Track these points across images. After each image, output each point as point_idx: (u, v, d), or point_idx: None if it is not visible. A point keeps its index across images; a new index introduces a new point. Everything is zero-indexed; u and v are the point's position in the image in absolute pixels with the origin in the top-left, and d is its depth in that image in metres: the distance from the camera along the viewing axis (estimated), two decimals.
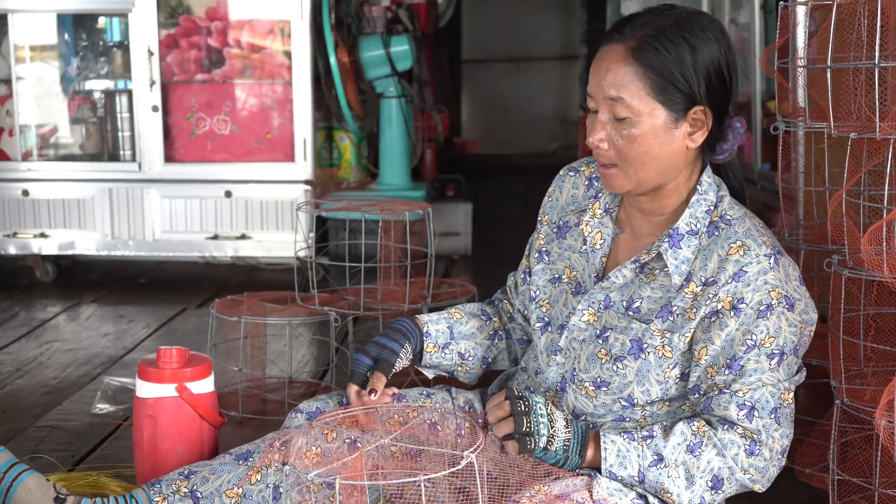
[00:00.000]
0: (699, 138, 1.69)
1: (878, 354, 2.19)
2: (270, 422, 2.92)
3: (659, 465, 1.63)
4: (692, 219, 1.72)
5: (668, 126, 1.66)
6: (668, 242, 1.71)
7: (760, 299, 1.64)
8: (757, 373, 1.65)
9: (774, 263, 1.66)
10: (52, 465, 2.61)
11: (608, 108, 1.67)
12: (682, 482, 1.63)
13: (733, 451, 1.64)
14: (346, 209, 3.27)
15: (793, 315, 1.67)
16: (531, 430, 1.60)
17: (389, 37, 5.00)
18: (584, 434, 1.66)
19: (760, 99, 4.41)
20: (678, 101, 1.65)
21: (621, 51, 1.65)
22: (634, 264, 1.75)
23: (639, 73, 1.64)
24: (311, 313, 3.15)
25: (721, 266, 1.67)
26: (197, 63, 4.76)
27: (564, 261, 1.85)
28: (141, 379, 2.39)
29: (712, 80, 1.66)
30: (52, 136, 4.98)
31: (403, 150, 5.13)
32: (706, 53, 1.65)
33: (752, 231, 1.69)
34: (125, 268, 5.24)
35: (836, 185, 2.51)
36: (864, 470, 2.19)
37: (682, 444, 1.64)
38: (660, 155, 1.67)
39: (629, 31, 1.66)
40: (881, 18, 1.98)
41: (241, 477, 1.86)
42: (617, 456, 1.64)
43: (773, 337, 1.65)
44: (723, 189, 1.77)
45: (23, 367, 3.52)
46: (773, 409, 1.65)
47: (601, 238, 1.81)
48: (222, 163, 4.78)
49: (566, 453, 1.63)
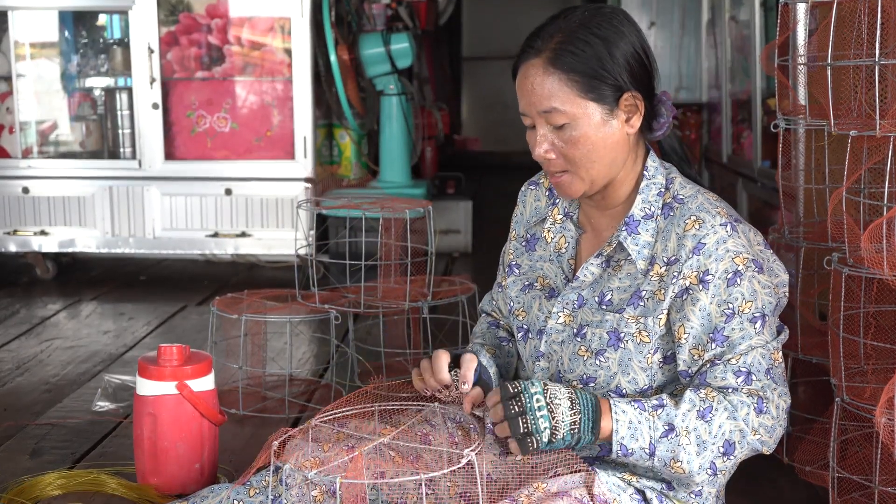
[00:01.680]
0: (636, 122, 1.74)
1: (878, 352, 2.19)
2: (271, 419, 2.92)
3: (670, 434, 1.62)
4: (645, 203, 1.75)
5: (605, 119, 1.70)
6: (626, 230, 1.75)
7: (726, 268, 1.66)
8: (745, 340, 1.66)
9: (732, 230, 1.68)
10: (53, 463, 2.62)
11: (544, 120, 1.71)
12: (692, 448, 1.62)
13: (744, 411, 1.64)
14: (347, 207, 3.27)
15: (764, 277, 1.69)
16: (529, 430, 1.59)
17: (390, 34, 5.00)
18: (595, 408, 1.62)
19: (761, 96, 4.41)
20: (607, 94, 1.69)
21: (540, 64, 1.69)
22: (599, 258, 1.78)
23: (563, 79, 1.68)
24: (311, 311, 3.15)
25: (680, 243, 1.69)
26: (197, 60, 4.76)
27: (536, 271, 1.88)
28: (141, 376, 2.39)
29: (632, 66, 1.71)
30: (52, 133, 4.98)
31: (404, 147, 5.13)
32: (619, 43, 1.70)
33: (706, 204, 1.71)
34: (125, 265, 5.25)
35: (837, 182, 2.51)
36: (864, 467, 2.20)
37: (692, 410, 1.63)
38: (605, 149, 1.72)
39: (541, 44, 1.70)
40: (881, 16, 1.97)
41: (239, 492, 1.86)
42: (629, 427, 1.62)
43: (749, 301, 1.67)
44: (672, 171, 1.81)
45: (23, 365, 3.52)
46: (767, 369, 1.67)
47: (565, 241, 1.85)
48: (223, 160, 4.78)
49: (578, 434, 1.60)
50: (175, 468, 2.38)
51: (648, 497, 1.74)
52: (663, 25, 5.80)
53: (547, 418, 1.59)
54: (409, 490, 1.64)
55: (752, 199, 4.49)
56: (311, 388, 3.27)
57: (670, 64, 5.80)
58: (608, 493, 1.69)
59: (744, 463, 1.73)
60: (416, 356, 3.34)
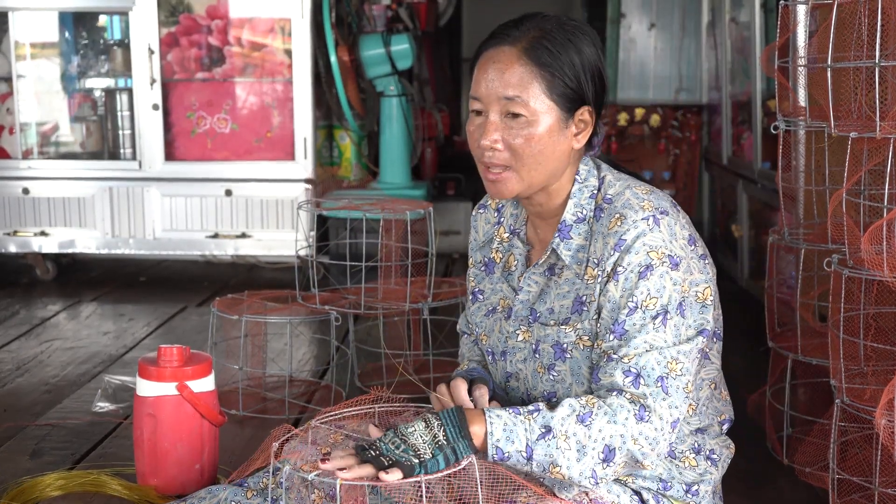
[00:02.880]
0: (583, 139, 1.73)
1: (878, 353, 2.20)
2: (270, 420, 2.92)
3: (547, 436, 1.57)
4: (577, 207, 1.74)
5: (559, 126, 1.69)
6: (559, 236, 1.74)
7: (640, 261, 1.64)
8: (640, 334, 1.62)
9: (654, 224, 1.65)
10: (53, 464, 2.62)
11: (501, 108, 1.68)
12: (572, 454, 1.57)
13: (623, 415, 1.59)
14: (347, 208, 3.27)
15: (677, 273, 1.65)
16: (394, 461, 1.55)
17: (390, 35, 5.00)
18: (458, 415, 1.59)
19: (761, 98, 4.41)
20: (569, 101, 1.68)
21: (514, 52, 1.67)
22: (540, 268, 1.77)
23: (534, 72, 1.66)
24: (311, 312, 3.15)
25: (605, 242, 1.68)
26: (197, 61, 4.76)
27: (497, 294, 1.87)
28: (141, 377, 2.39)
29: (595, 82, 1.71)
30: (52, 134, 4.98)
31: (404, 148, 5.13)
32: (589, 56, 1.69)
33: (632, 200, 1.69)
34: (125, 266, 5.25)
35: (837, 184, 2.51)
36: (864, 469, 2.20)
37: (571, 415, 1.59)
38: (552, 155, 1.70)
39: (517, 34, 1.69)
40: (881, 18, 1.98)
41: (237, 493, 1.86)
42: (504, 430, 1.58)
43: (654, 297, 1.63)
44: (604, 170, 1.78)
45: (23, 366, 3.52)
46: (660, 377, 1.61)
47: (514, 259, 1.84)
48: (223, 161, 4.78)
49: (451, 444, 1.56)
50: (175, 469, 2.38)
51: (645, 498, 1.74)
52: (663, 27, 5.80)
53: (399, 446, 1.56)
54: (407, 492, 1.64)
55: (753, 200, 4.49)
56: (312, 389, 3.27)
57: (670, 65, 5.80)
58: (606, 496, 1.69)
59: (744, 464, 1.73)
60: (416, 357, 3.34)
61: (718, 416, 1.81)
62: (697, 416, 1.76)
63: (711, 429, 1.80)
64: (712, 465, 1.78)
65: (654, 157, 5.69)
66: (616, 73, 5.82)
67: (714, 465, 1.78)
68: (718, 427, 1.81)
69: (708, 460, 1.78)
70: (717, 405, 1.81)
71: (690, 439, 1.77)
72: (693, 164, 5.68)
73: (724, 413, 1.82)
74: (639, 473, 1.74)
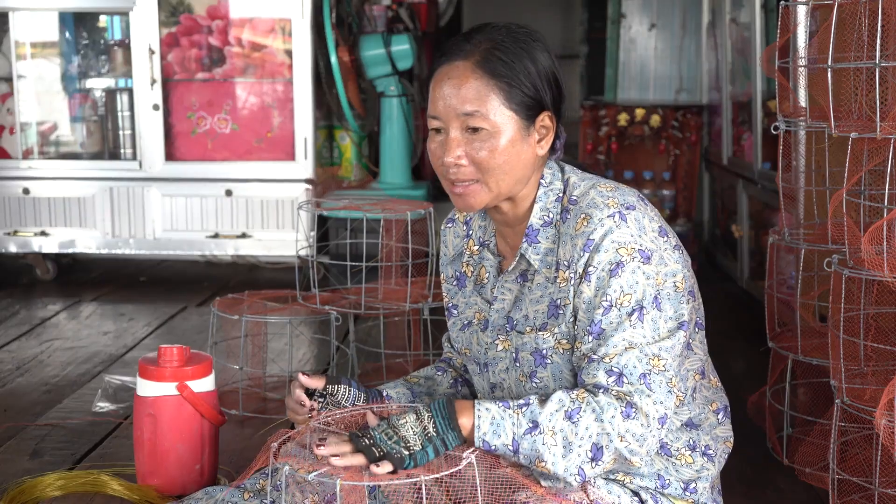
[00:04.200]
0: (546, 145, 1.73)
1: (879, 354, 2.20)
2: (271, 420, 2.92)
3: (534, 431, 1.58)
4: (543, 211, 1.74)
5: (521, 135, 1.69)
6: (527, 241, 1.74)
7: (610, 259, 1.64)
8: (618, 332, 1.62)
9: (620, 220, 1.65)
10: (53, 464, 2.62)
11: (461, 124, 1.67)
12: (558, 450, 1.58)
13: (610, 413, 1.59)
14: (348, 208, 3.27)
15: (649, 267, 1.65)
16: (385, 452, 1.57)
17: (390, 36, 5.00)
18: (447, 406, 1.60)
19: (761, 98, 4.41)
20: (528, 108, 1.68)
21: (468, 66, 1.67)
22: (510, 275, 1.77)
23: (490, 84, 1.66)
24: (311, 312, 3.15)
25: (573, 244, 1.68)
26: (198, 62, 4.76)
27: (472, 307, 1.87)
28: (141, 377, 2.39)
29: (552, 86, 1.71)
30: (52, 134, 4.98)
31: (404, 148, 5.13)
32: (543, 61, 1.69)
33: (596, 199, 1.69)
34: (126, 266, 5.25)
35: (837, 184, 2.51)
36: (864, 469, 2.20)
37: (560, 410, 1.59)
38: (517, 164, 1.69)
39: (469, 48, 1.68)
40: (882, 18, 1.98)
41: (234, 494, 1.86)
42: (491, 424, 1.59)
43: (628, 294, 1.63)
44: (568, 171, 1.78)
45: (23, 366, 3.52)
46: (643, 374, 1.61)
47: (486, 271, 1.84)
48: (223, 161, 4.78)
49: (441, 436, 1.58)
50: (175, 469, 2.38)
51: (644, 498, 1.74)
52: (664, 27, 5.80)
53: (391, 437, 1.58)
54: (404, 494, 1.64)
55: (753, 200, 4.49)
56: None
57: (671, 66, 5.80)
58: (606, 497, 1.69)
59: (744, 465, 1.73)
60: (416, 357, 3.34)
61: (710, 406, 1.80)
62: (686, 407, 1.76)
63: (706, 422, 1.79)
64: (709, 460, 1.78)
65: (654, 158, 5.69)
66: (616, 73, 5.82)
67: (710, 461, 1.78)
68: (714, 417, 1.80)
69: (704, 456, 1.78)
70: (706, 394, 1.80)
71: (685, 436, 1.77)
72: (693, 164, 5.68)
73: (716, 401, 1.81)
74: (636, 473, 1.74)
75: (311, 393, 1.84)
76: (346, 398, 1.84)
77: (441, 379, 1.99)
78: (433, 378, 1.99)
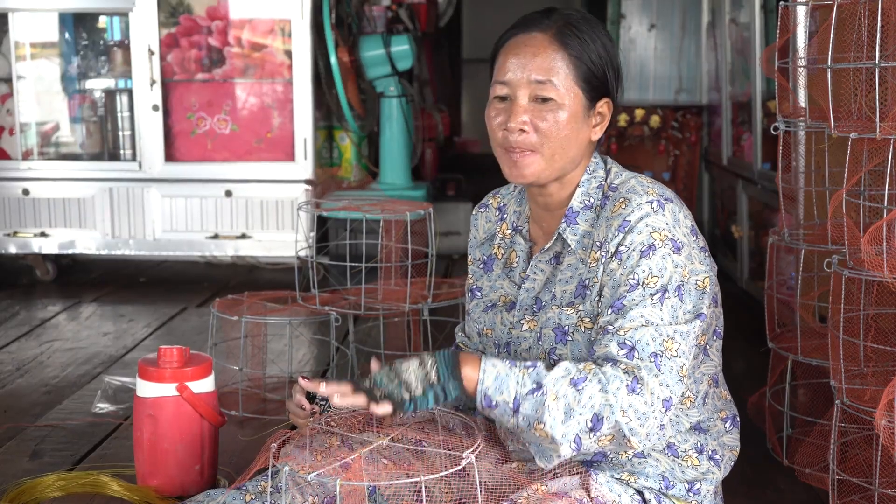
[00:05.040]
0: (599, 131, 1.77)
1: (878, 354, 2.20)
2: (271, 421, 2.92)
3: (537, 392, 1.58)
4: (584, 196, 1.77)
5: (584, 114, 1.73)
6: (566, 222, 1.77)
7: (642, 240, 1.65)
8: (637, 307, 1.63)
9: (658, 207, 1.68)
10: (53, 465, 2.62)
11: (530, 91, 1.71)
12: (559, 415, 1.57)
13: (615, 384, 1.58)
14: (347, 209, 3.27)
15: (679, 257, 1.66)
16: (385, 394, 1.60)
17: (390, 36, 5.00)
18: (452, 357, 1.62)
19: (761, 99, 4.41)
20: (593, 89, 1.73)
21: (545, 38, 1.71)
22: (545, 255, 1.79)
23: (565, 58, 1.70)
24: (311, 313, 3.14)
25: (608, 225, 1.70)
26: (197, 62, 4.76)
27: (497, 291, 1.88)
28: (141, 378, 2.39)
29: (616, 76, 1.76)
30: (52, 134, 4.98)
31: (404, 149, 5.13)
32: (612, 50, 1.75)
33: (636, 187, 1.72)
34: (125, 267, 5.25)
35: (837, 185, 2.51)
36: (864, 470, 2.20)
37: (566, 377, 1.59)
38: (574, 142, 1.73)
39: (547, 23, 1.72)
40: (881, 18, 1.98)
41: (235, 497, 1.86)
42: (495, 379, 1.60)
43: (655, 276, 1.64)
44: (610, 163, 1.82)
45: (23, 367, 3.52)
46: (654, 353, 1.61)
47: (516, 256, 1.86)
48: (223, 162, 4.78)
49: (440, 384, 1.59)
50: (175, 470, 2.38)
51: (647, 498, 1.75)
52: (663, 27, 5.79)
53: (393, 380, 1.60)
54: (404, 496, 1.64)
55: (753, 201, 4.49)
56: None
57: (670, 66, 5.80)
58: (608, 494, 1.69)
59: (744, 465, 1.73)
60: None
61: (719, 413, 1.81)
62: (696, 410, 1.77)
63: (714, 429, 1.80)
64: (714, 465, 1.78)
65: (654, 158, 5.69)
66: None
67: (716, 466, 1.79)
68: (722, 425, 1.81)
69: (710, 460, 1.78)
70: (716, 402, 1.81)
71: (693, 439, 1.77)
72: (693, 164, 5.68)
73: (725, 410, 1.82)
74: (641, 473, 1.74)
75: (313, 396, 1.84)
76: None
77: None
78: None
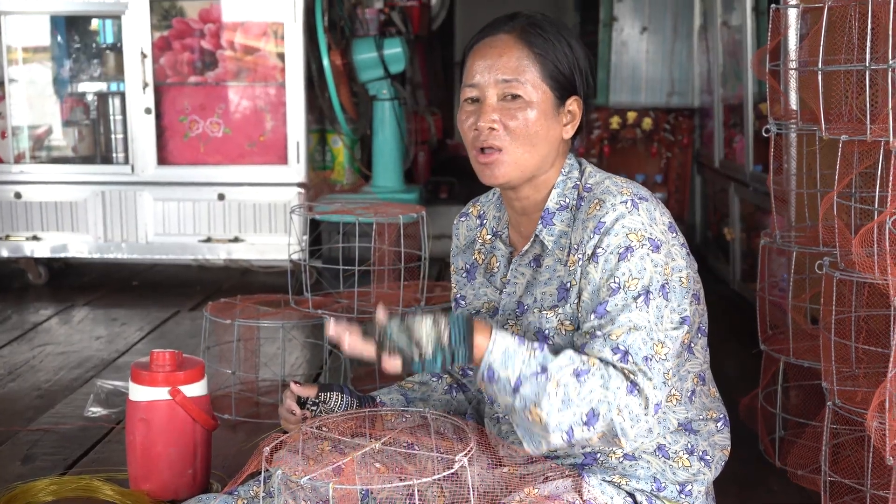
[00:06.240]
0: (571, 130, 1.78)
1: (870, 356, 2.20)
2: (264, 425, 2.92)
3: (540, 375, 1.58)
4: (560, 196, 1.78)
5: (553, 112, 1.74)
6: (542, 223, 1.77)
7: (619, 242, 1.66)
8: (624, 312, 1.63)
9: (632, 207, 1.68)
10: (45, 469, 2.61)
11: (498, 91, 1.73)
12: (557, 403, 1.57)
13: (616, 382, 1.58)
14: (340, 212, 3.27)
15: (658, 256, 1.66)
16: (396, 347, 1.59)
17: (382, 39, 5.00)
18: (466, 321, 1.62)
19: (752, 101, 4.42)
20: (561, 87, 1.74)
21: (510, 38, 1.74)
22: (524, 258, 1.80)
23: (530, 56, 1.72)
24: (304, 316, 3.14)
25: (584, 226, 1.71)
26: (190, 65, 4.76)
27: (480, 298, 1.89)
28: (134, 382, 2.39)
29: (584, 75, 1.78)
30: (44, 138, 4.97)
31: (396, 152, 5.13)
32: (578, 50, 1.77)
33: (611, 187, 1.73)
34: (118, 270, 5.24)
35: (828, 187, 2.52)
36: (856, 471, 2.20)
37: (570, 366, 1.59)
38: (545, 139, 1.74)
39: (512, 24, 1.75)
40: (872, 21, 1.98)
41: (227, 501, 1.86)
42: (503, 353, 1.60)
43: (636, 278, 1.64)
44: (584, 163, 1.83)
45: (15, 371, 3.51)
46: (646, 357, 1.61)
47: (496, 261, 1.87)
48: (215, 165, 4.78)
49: (450, 348, 1.59)
50: (167, 474, 2.38)
51: (639, 500, 1.75)
52: (655, 30, 5.81)
53: (404, 333, 1.59)
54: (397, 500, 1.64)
55: (744, 203, 4.50)
56: None
57: (662, 69, 5.81)
58: (600, 497, 1.70)
59: (736, 467, 1.73)
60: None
61: (708, 412, 1.81)
62: (683, 407, 1.77)
63: (705, 429, 1.80)
64: (705, 465, 1.79)
65: (646, 161, 5.70)
66: (608, 76, 5.82)
67: (707, 466, 1.79)
68: (714, 425, 1.81)
69: (701, 461, 1.78)
70: (704, 400, 1.81)
71: (683, 439, 1.77)
72: (685, 167, 5.69)
73: (713, 410, 1.82)
74: (633, 475, 1.75)
75: (304, 402, 1.85)
76: (339, 405, 1.86)
77: (436, 385, 1.99)
78: (427, 383, 1.99)
